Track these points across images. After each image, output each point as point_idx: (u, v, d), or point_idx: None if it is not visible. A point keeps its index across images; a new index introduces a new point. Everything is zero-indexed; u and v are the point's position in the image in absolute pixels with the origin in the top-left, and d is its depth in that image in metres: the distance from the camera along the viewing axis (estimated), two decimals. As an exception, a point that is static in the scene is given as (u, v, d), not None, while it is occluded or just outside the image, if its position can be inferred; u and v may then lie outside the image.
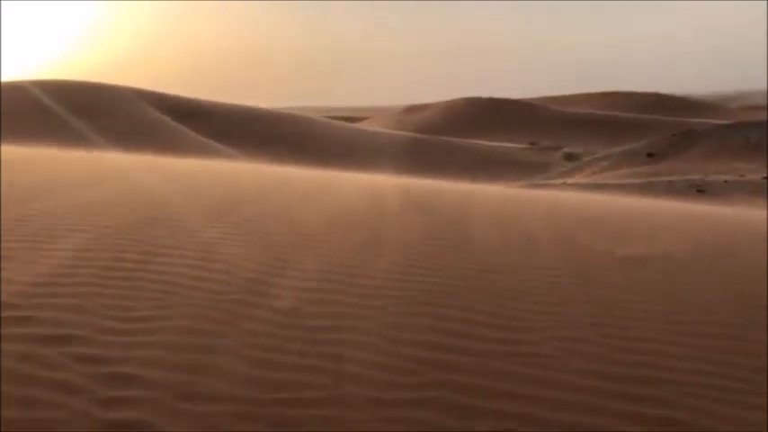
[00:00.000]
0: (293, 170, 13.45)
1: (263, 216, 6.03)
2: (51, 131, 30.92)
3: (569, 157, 40.29)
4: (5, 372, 2.68)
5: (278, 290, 3.86)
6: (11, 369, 2.70)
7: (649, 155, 31.51)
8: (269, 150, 36.52)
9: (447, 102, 78.92)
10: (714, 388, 2.95)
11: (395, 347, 3.17)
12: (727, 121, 41.62)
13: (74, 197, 6.38)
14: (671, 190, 20.28)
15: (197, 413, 2.52)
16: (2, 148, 11.75)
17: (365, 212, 6.75)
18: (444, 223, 6.32)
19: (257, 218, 5.90)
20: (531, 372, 3.00)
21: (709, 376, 3.06)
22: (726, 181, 21.74)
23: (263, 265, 4.33)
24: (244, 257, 4.50)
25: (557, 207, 9.06)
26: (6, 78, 46.19)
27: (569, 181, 27.34)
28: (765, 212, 10.09)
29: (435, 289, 4.09)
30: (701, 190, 20.06)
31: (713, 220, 8.83)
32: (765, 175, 22.66)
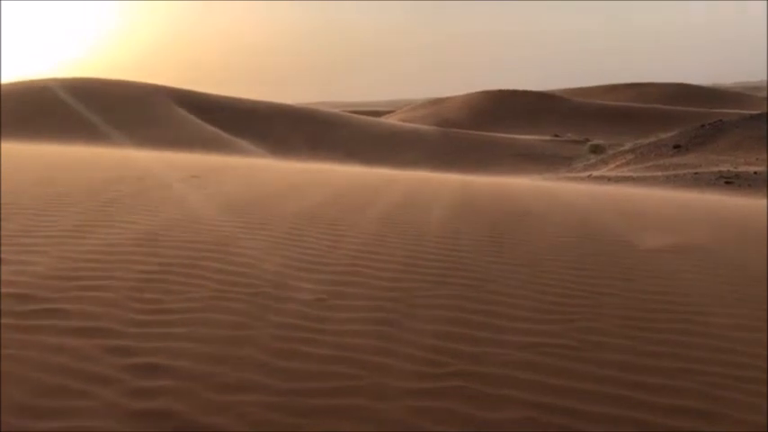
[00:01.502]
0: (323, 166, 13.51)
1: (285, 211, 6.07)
2: (74, 129, 31.32)
3: (595, 150, 39.82)
4: (39, 362, 2.75)
5: (302, 282, 3.90)
6: (44, 360, 2.77)
7: (676, 146, 31.08)
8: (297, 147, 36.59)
9: (465, 95, 78.12)
10: (735, 378, 2.93)
11: (419, 338, 3.19)
12: (755, 112, 40.88)
13: (102, 194, 6.48)
14: (698, 182, 20.02)
15: (225, 403, 2.56)
16: (28, 146, 11.94)
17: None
18: (467, 216, 6.32)
19: (280, 214, 5.95)
20: (553, 362, 3.00)
21: (731, 367, 3.05)
22: (755, 172, 21.39)
23: (287, 259, 4.37)
24: (267, 251, 4.55)
25: (582, 199, 9.00)
26: (25, 77, 46.76)
27: (595, 173, 27.10)
28: None
29: (458, 282, 4.10)
30: (729, 181, 19.77)
31: (741, 211, 8.71)
32: None
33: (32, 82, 43.50)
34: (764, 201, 11.15)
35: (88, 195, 6.31)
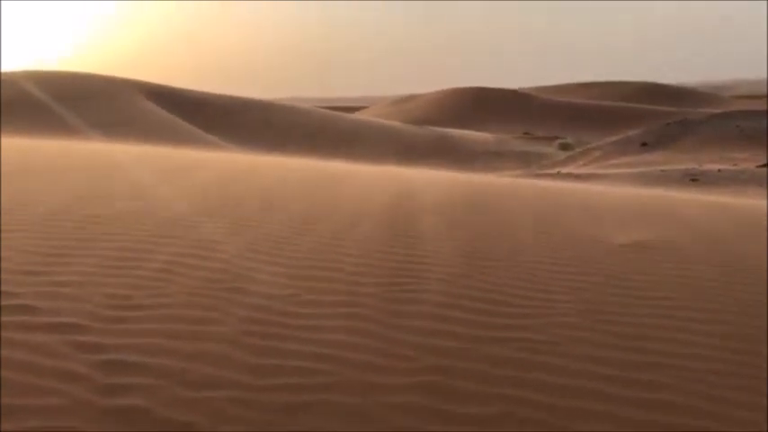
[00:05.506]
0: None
1: (256, 204, 6.03)
2: (40, 122, 30.73)
3: (565, 147, 40.28)
4: (6, 360, 2.69)
5: (274, 277, 3.87)
6: (11, 357, 2.71)
7: (643, 144, 31.55)
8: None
9: (436, 92, 78.31)
10: (711, 372, 2.98)
11: (391, 333, 3.19)
12: (721, 110, 41.66)
13: (65, 186, 6.37)
14: (665, 179, 20.34)
15: (196, 399, 2.54)
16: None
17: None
18: (440, 211, 6.34)
19: (247, 205, 5.91)
20: (527, 357, 3.02)
21: (706, 360, 3.09)
22: (719, 170, 21.81)
23: (258, 254, 4.34)
24: (239, 246, 4.51)
25: (551, 196, 9.09)
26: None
27: (564, 170, 27.38)
28: (762, 201, 10.14)
29: (431, 276, 4.10)
30: (694, 179, 20.13)
31: (709, 207, 8.87)
32: (762, 164, 22.71)
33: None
34: (728, 199, 11.37)
35: (56, 189, 6.19)
